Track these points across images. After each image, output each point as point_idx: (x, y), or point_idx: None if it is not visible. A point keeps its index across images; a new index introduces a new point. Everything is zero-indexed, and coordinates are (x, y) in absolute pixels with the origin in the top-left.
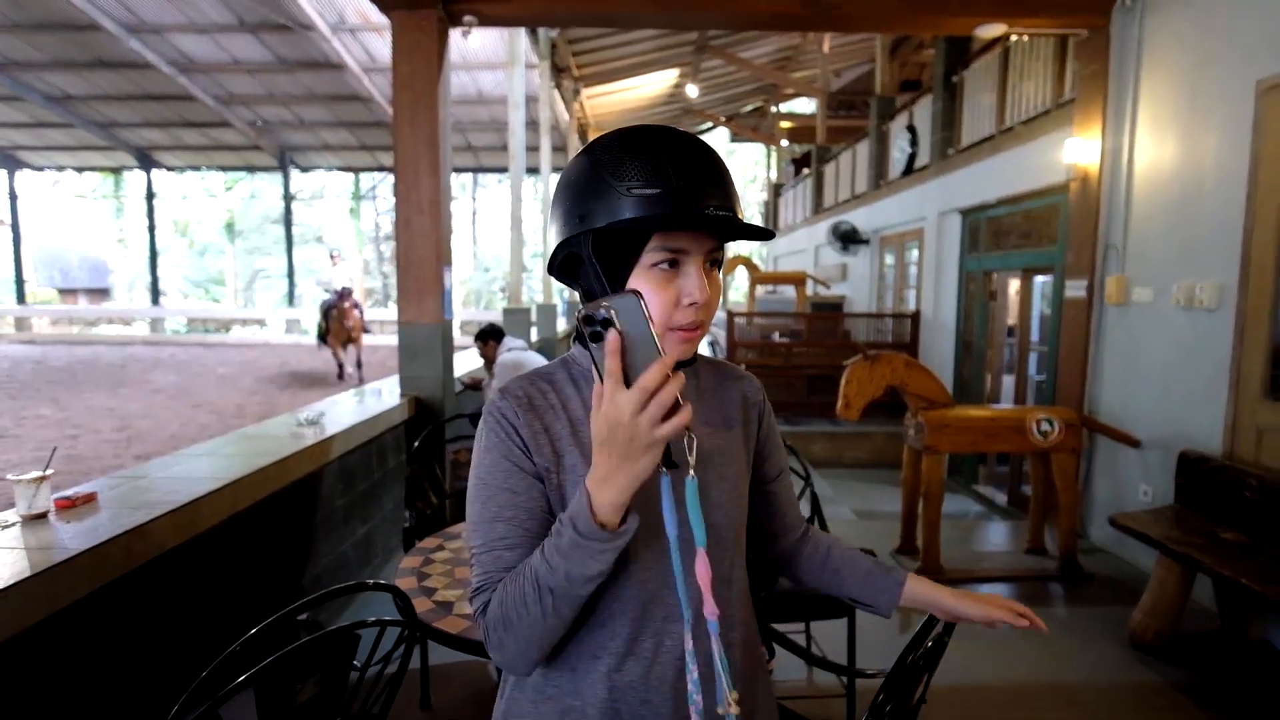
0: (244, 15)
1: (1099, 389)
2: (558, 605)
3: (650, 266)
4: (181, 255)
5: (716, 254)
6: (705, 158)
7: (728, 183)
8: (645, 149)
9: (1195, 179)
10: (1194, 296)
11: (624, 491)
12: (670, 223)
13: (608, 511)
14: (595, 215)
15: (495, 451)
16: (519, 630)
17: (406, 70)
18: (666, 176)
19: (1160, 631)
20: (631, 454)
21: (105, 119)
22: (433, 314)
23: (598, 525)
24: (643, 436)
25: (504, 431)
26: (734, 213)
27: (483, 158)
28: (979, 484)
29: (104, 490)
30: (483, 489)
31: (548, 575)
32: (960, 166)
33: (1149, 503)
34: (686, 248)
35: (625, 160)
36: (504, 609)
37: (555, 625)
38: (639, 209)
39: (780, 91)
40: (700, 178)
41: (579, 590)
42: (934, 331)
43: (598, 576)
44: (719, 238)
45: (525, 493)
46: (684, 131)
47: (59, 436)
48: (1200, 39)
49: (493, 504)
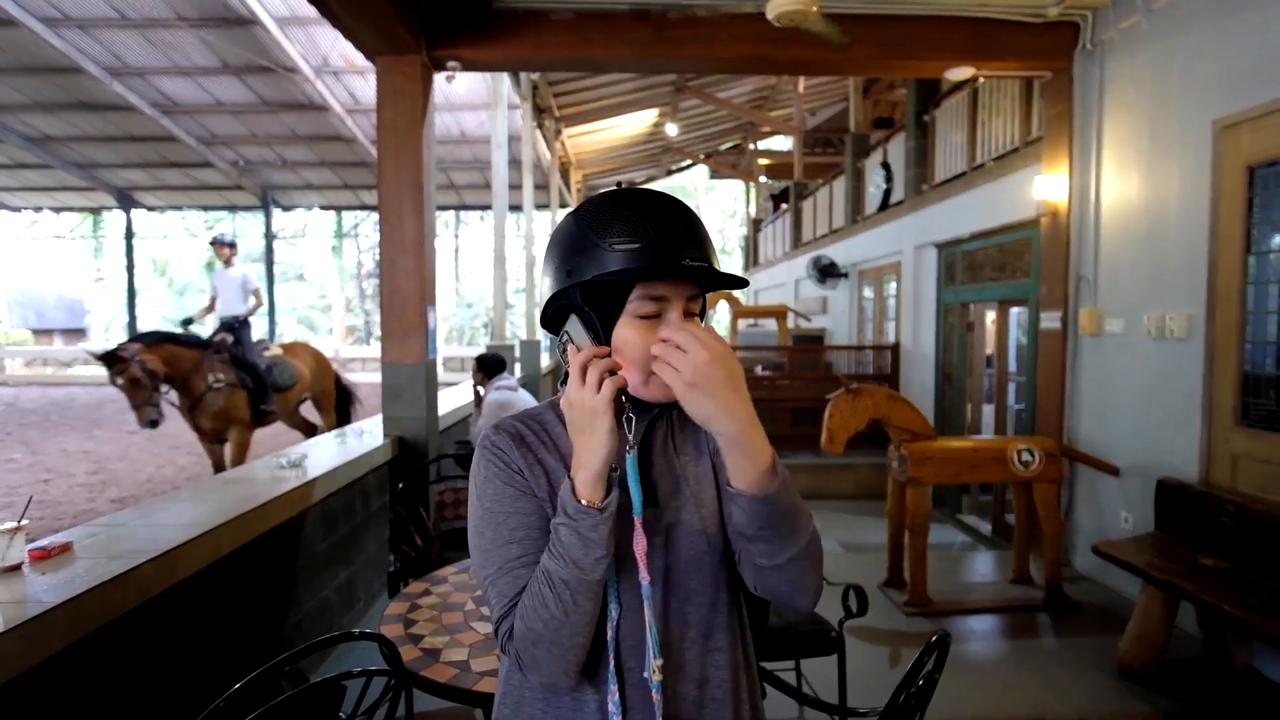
0: (228, 59)
1: (1077, 418)
2: (576, 598)
3: (634, 317)
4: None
5: (696, 303)
6: (681, 215)
7: (702, 237)
8: (626, 209)
9: (1160, 214)
10: (1165, 327)
11: (595, 464)
12: (650, 273)
13: (586, 488)
14: (582, 269)
15: (497, 480)
16: (546, 637)
17: (390, 114)
18: (645, 233)
19: (1147, 660)
20: (587, 425)
21: (85, 160)
22: (416, 353)
23: (580, 503)
24: (587, 403)
25: (502, 462)
26: (709, 263)
27: (465, 195)
28: (963, 513)
29: (80, 539)
30: (490, 517)
31: (559, 569)
32: (934, 202)
33: (1130, 530)
34: (666, 295)
35: (608, 220)
36: (527, 623)
37: (579, 621)
38: (622, 262)
39: (758, 129)
40: (676, 233)
41: (589, 576)
42: (914, 362)
43: (601, 559)
44: (699, 287)
45: (533, 514)
46: (661, 193)
47: (30, 482)
48: (1158, 81)
49: (504, 528)
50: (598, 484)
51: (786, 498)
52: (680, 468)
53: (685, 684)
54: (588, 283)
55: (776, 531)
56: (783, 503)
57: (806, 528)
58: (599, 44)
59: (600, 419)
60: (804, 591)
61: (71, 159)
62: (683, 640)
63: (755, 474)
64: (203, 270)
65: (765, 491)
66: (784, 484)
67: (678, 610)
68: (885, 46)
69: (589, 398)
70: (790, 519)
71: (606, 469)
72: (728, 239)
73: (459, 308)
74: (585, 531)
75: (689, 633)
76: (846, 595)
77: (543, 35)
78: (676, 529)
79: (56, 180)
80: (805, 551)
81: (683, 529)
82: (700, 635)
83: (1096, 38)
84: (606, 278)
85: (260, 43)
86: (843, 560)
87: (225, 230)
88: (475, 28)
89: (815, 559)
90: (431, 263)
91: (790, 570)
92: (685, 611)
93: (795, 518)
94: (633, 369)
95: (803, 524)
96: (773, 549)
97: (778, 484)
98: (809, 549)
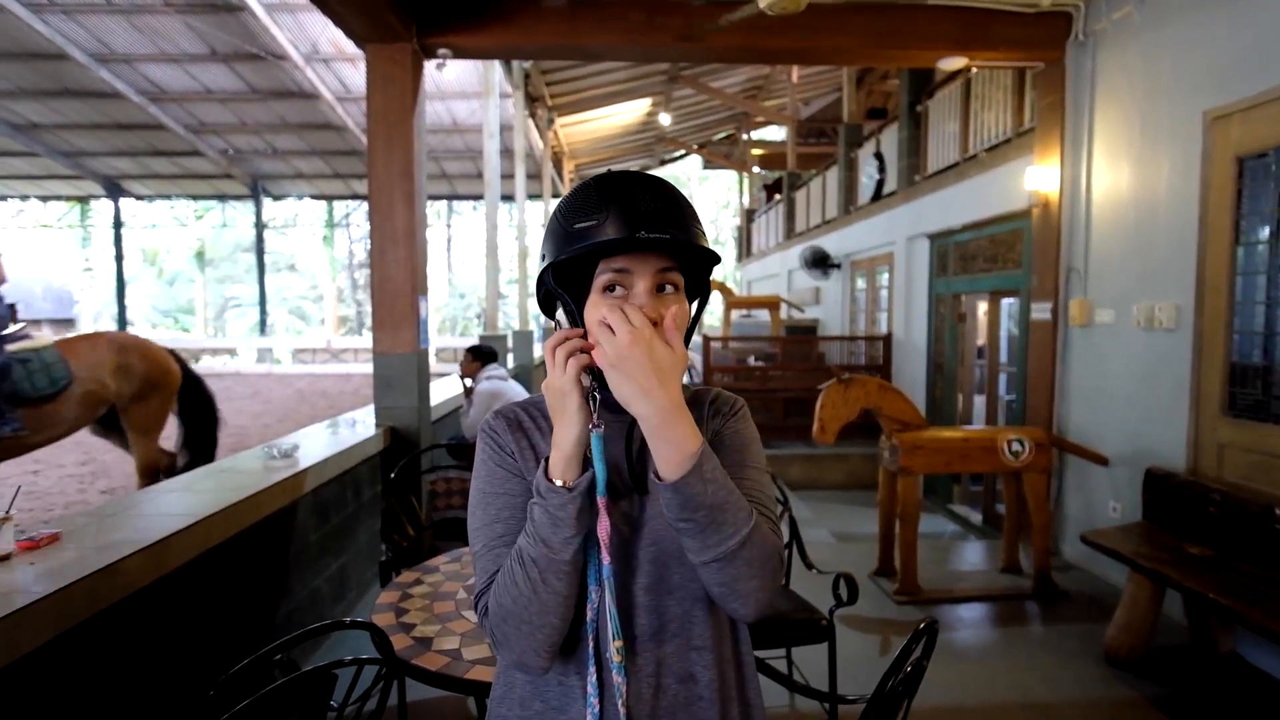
0: (216, 46)
1: (1067, 408)
2: (545, 576)
3: (602, 291)
4: (150, 284)
5: (667, 275)
6: (646, 190)
7: (669, 210)
8: (589, 191)
9: (1150, 205)
10: (1153, 317)
11: (566, 444)
12: (605, 247)
13: (558, 467)
14: (553, 253)
15: (490, 463)
16: (515, 614)
17: (381, 102)
18: (600, 208)
19: (1134, 647)
20: (558, 406)
21: (72, 148)
22: (408, 343)
23: (551, 482)
24: (555, 383)
25: (497, 445)
26: (670, 235)
27: (458, 185)
28: (954, 503)
29: (69, 530)
30: (482, 497)
31: (529, 547)
32: (927, 192)
33: (1118, 519)
34: (630, 268)
35: (574, 202)
36: (499, 599)
37: (549, 600)
38: (581, 239)
39: (751, 120)
40: (634, 206)
41: (558, 556)
42: (906, 353)
43: (570, 538)
44: (672, 259)
45: (521, 494)
46: (637, 173)
47: (19, 473)
48: (1149, 72)
49: (492, 508)
50: (570, 464)
51: (705, 491)
52: None
53: (667, 679)
54: (562, 266)
55: (697, 525)
56: (698, 495)
57: (735, 529)
58: (591, 31)
59: (568, 398)
60: (738, 597)
61: (58, 147)
62: (662, 633)
63: (675, 461)
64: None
65: (675, 479)
66: (703, 476)
67: (655, 605)
68: (878, 36)
69: (556, 378)
70: (712, 515)
71: (578, 449)
72: (721, 229)
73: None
74: (554, 510)
75: (669, 626)
76: (837, 584)
77: (534, 22)
78: (656, 520)
79: (43, 169)
80: (735, 554)
81: (663, 520)
82: (681, 631)
83: (1089, 28)
84: (566, 255)
85: (249, 29)
86: (835, 549)
87: None
88: (466, 15)
89: (752, 564)
90: (423, 253)
91: (717, 571)
92: (665, 605)
93: (719, 515)
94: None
95: (730, 524)
96: (694, 544)
97: (689, 473)
98: (742, 553)
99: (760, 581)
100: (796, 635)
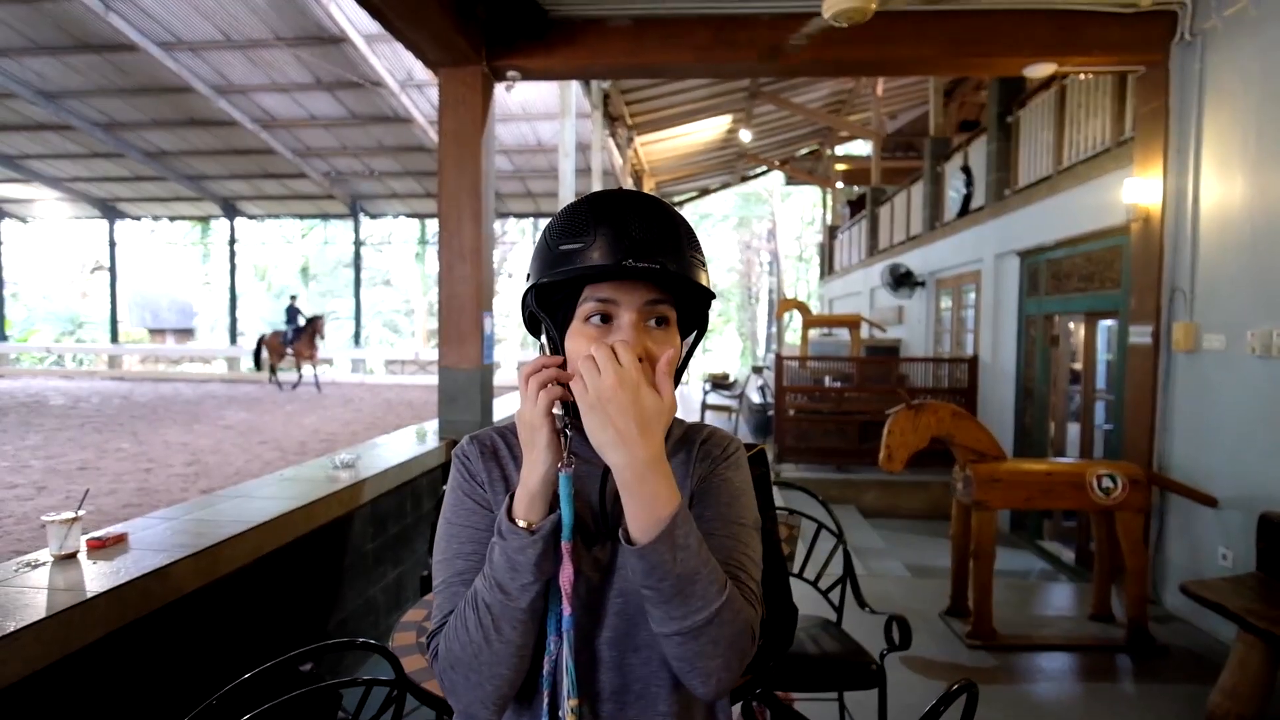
0: (320, 75)
1: (1169, 442)
2: (499, 624)
3: (584, 320)
4: (260, 297)
5: (658, 308)
6: (639, 214)
7: (662, 238)
8: (580, 210)
9: (1267, 219)
10: (1272, 343)
11: (531, 482)
12: (589, 274)
13: (521, 506)
14: (536, 273)
15: (459, 491)
16: (465, 662)
17: (452, 123)
18: (587, 231)
19: (1242, 715)
20: (527, 439)
21: (195, 172)
22: (473, 359)
23: (513, 522)
24: (525, 415)
25: (467, 474)
26: (665, 266)
27: (541, 203)
28: (1044, 539)
29: (136, 531)
30: (446, 528)
31: (485, 592)
32: (1017, 207)
33: (1229, 568)
34: (615, 299)
35: (562, 220)
36: (449, 644)
37: (502, 652)
38: (563, 263)
39: (835, 134)
40: (624, 232)
41: (515, 604)
42: (993, 377)
43: (529, 585)
44: (663, 290)
45: (486, 529)
46: (631, 192)
47: (134, 469)
48: (1267, 73)
49: (455, 541)
50: (535, 503)
51: (674, 560)
52: None
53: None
54: (546, 288)
55: (662, 595)
56: (666, 564)
57: (705, 602)
58: (657, 49)
59: (537, 433)
60: (699, 674)
61: (183, 171)
62: (624, 694)
63: (646, 523)
64: (297, 275)
65: (643, 544)
66: (674, 543)
67: (619, 661)
68: (958, 43)
69: (527, 410)
70: (680, 586)
71: (545, 488)
72: (804, 246)
73: None
74: (513, 553)
75: (633, 687)
76: (889, 627)
77: (600, 42)
78: (626, 569)
79: (170, 191)
80: (700, 631)
81: None
82: (644, 693)
83: (1196, 27)
84: (548, 278)
85: (349, 59)
86: (906, 584)
87: None
88: (532, 37)
89: (718, 643)
90: (489, 270)
91: (678, 645)
92: (629, 663)
93: (687, 586)
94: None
95: (699, 596)
96: (657, 614)
97: (658, 538)
98: (708, 630)
99: (725, 661)
100: (846, 678)
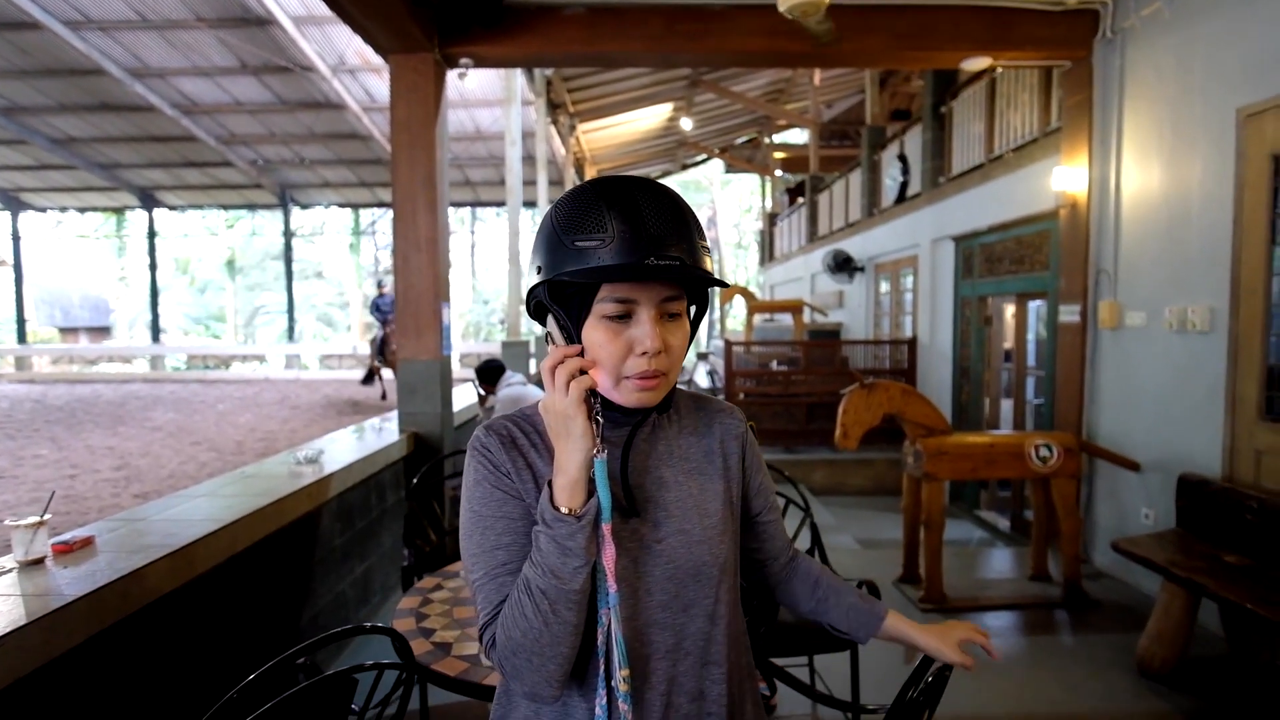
0: (246, 59)
1: (1097, 413)
2: (555, 608)
3: (601, 317)
4: (182, 292)
5: (673, 304)
6: (654, 206)
7: (677, 231)
8: (591, 201)
9: (1182, 205)
10: (1186, 320)
11: (571, 469)
12: (609, 274)
13: (564, 493)
14: (549, 266)
15: (485, 483)
16: (526, 647)
17: (404, 112)
18: (605, 228)
19: (1167, 658)
20: (561, 429)
21: (108, 160)
22: (431, 350)
23: (558, 509)
24: (557, 406)
25: (490, 464)
26: (683, 261)
27: (480, 192)
28: (981, 509)
29: (102, 534)
30: (478, 520)
31: (537, 578)
32: (952, 194)
33: (1151, 526)
34: (635, 298)
35: (573, 213)
36: (508, 632)
37: (560, 631)
38: (580, 261)
39: (773, 123)
40: (641, 228)
41: (568, 586)
42: (931, 357)
43: (580, 568)
44: (679, 286)
45: (520, 518)
46: (641, 179)
47: (57, 477)
48: (1180, 69)
49: (491, 533)
50: (576, 489)
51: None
52: (677, 475)
53: (679, 697)
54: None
55: None
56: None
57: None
58: (610, 38)
59: (572, 422)
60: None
61: (95, 159)
62: (678, 650)
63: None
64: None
65: None
66: None
67: (673, 621)
68: (900, 37)
69: (559, 400)
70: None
71: (584, 473)
72: (744, 233)
73: (475, 304)
74: (562, 539)
75: (684, 644)
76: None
77: (554, 30)
78: (671, 539)
79: (80, 181)
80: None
81: (679, 539)
82: (696, 648)
83: (1117, 25)
84: (564, 278)
85: (277, 42)
86: (859, 556)
87: None
88: (487, 24)
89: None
90: (445, 260)
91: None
92: (680, 624)
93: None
94: (602, 371)
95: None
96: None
97: None
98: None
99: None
100: (819, 643)
